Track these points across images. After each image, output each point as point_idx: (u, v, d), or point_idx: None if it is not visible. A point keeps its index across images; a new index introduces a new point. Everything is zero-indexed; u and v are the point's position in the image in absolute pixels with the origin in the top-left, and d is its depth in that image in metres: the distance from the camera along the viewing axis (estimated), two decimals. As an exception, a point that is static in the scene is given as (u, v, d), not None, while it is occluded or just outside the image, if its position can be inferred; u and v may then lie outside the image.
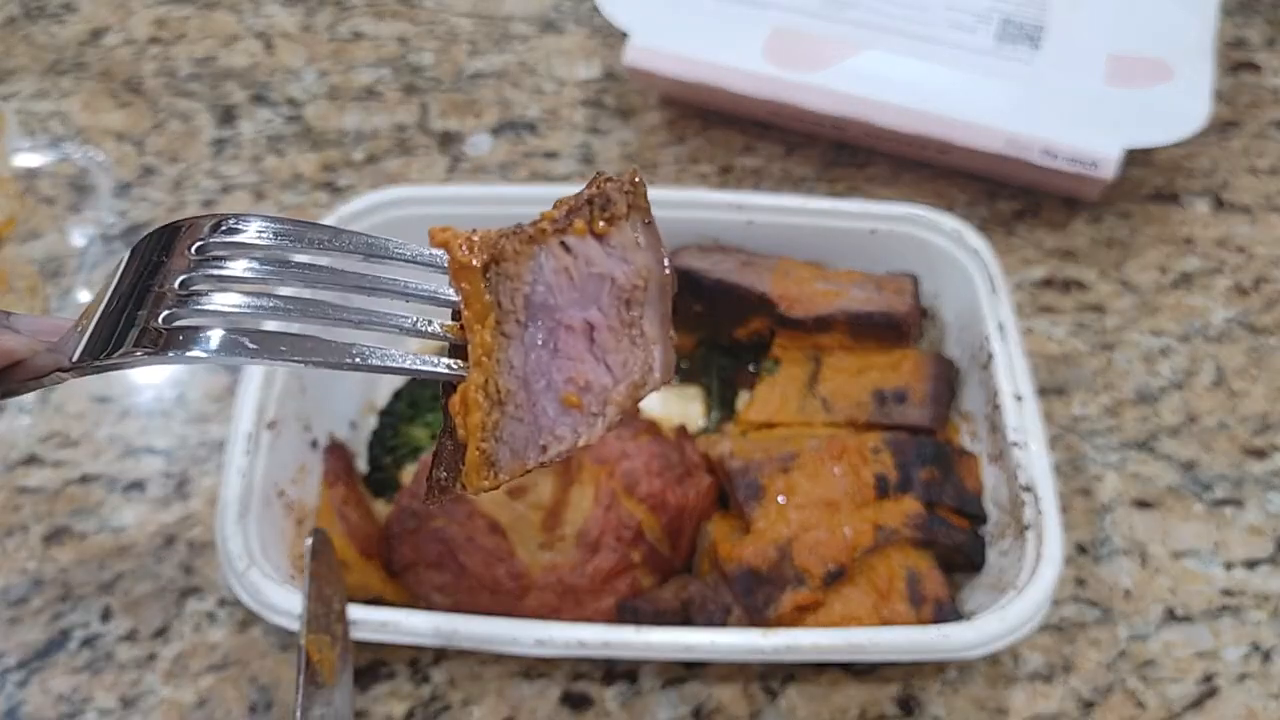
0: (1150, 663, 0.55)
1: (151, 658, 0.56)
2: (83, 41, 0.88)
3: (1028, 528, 0.51)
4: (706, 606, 0.51)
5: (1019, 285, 0.71)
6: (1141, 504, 0.61)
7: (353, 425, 0.62)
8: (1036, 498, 0.51)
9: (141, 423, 0.65)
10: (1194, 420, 0.64)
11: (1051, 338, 0.68)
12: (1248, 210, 0.75)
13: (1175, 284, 0.71)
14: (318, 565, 0.46)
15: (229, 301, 0.29)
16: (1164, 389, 0.66)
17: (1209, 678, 0.55)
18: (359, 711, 0.54)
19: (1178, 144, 0.70)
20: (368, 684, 0.55)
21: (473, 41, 0.87)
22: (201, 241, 0.30)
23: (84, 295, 0.71)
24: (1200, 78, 0.71)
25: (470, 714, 0.54)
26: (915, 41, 0.74)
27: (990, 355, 0.57)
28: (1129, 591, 0.57)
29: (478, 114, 0.82)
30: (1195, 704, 0.54)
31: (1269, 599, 0.57)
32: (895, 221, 0.62)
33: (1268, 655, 0.55)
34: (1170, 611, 0.57)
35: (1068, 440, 0.63)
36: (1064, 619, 0.56)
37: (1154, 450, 0.63)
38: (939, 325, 0.63)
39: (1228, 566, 0.58)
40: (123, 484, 0.62)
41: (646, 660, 0.55)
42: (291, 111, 0.82)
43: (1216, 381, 0.66)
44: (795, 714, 0.54)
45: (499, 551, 0.52)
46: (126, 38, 0.88)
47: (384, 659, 0.55)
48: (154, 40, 0.88)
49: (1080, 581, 0.58)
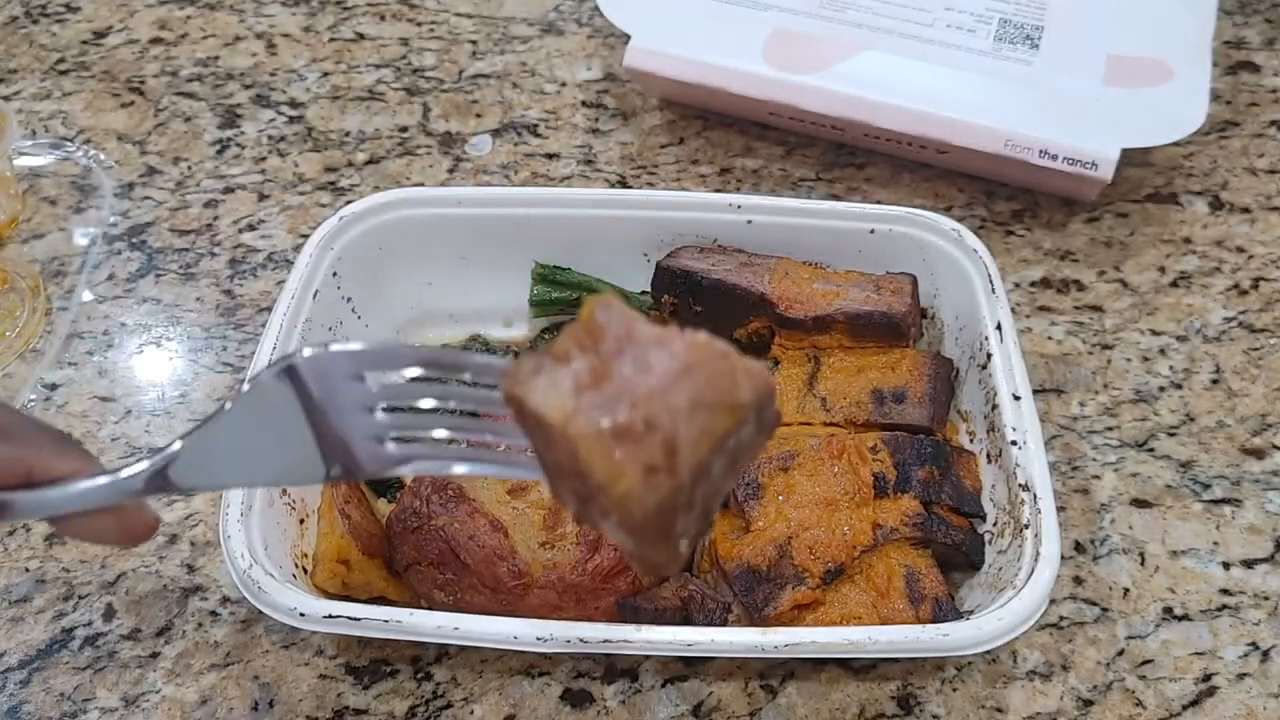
0: (1149, 662, 0.55)
1: (154, 656, 0.56)
2: (85, 41, 0.88)
3: (1026, 526, 0.51)
4: (706, 605, 0.51)
5: (1017, 285, 0.71)
6: (1140, 503, 0.61)
7: (354, 425, 0.62)
8: (1035, 497, 0.51)
9: (144, 422, 0.65)
10: (1192, 420, 0.64)
11: (1050, 337, 0.68)
12: (1247, 210, 0.75)
13: (1174, 284, 0.71)
14: None
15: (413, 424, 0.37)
16: (1162, 389, 0.66)
17: (1207, 677, 0.55)
18: (360, 709, 0.54)
19: (1176, 144, 0.70)
20: (369, 682, 0.55)
21: (474, 43, 0.88)
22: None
23: (86, 295, 0.71)
24: (1199, 78, 0.71)
25: (471, 711, 0.54)
26: (914, 42, 0.74)
27: (989, 355, 0.57)
28: (1127, 590, 0.58)
29: (479, 115, 0.82)
30: (1194, 703, 0.54)
31: (1268, 598, 0.57)
32: (894, 222, 0.62)
33: (1266, 655, 0.55)
34: (1169, 611, 0.57)
35: (1066, 440, 0.63)
36: (1062, 618, 0.57)
37: (1152, 450, 0.63)
38: (938, 325, 0.63)
39: (1226, 566, 0.58)
40: (125, 483, 0.62)
41: (647, 658, 0.55)
42: (293, 112, 0.83)
43: (1215, 381, 0.66)
44: (795, 711, 0.54)
45: (500, 550, 0.52)
46: (129, 38, 0.88)
47: (386, 657, 0.56)
48: (156, 41, 0.88)
49: (1079, 580, 0.58)
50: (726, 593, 0.52)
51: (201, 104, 0.83)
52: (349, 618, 0.48)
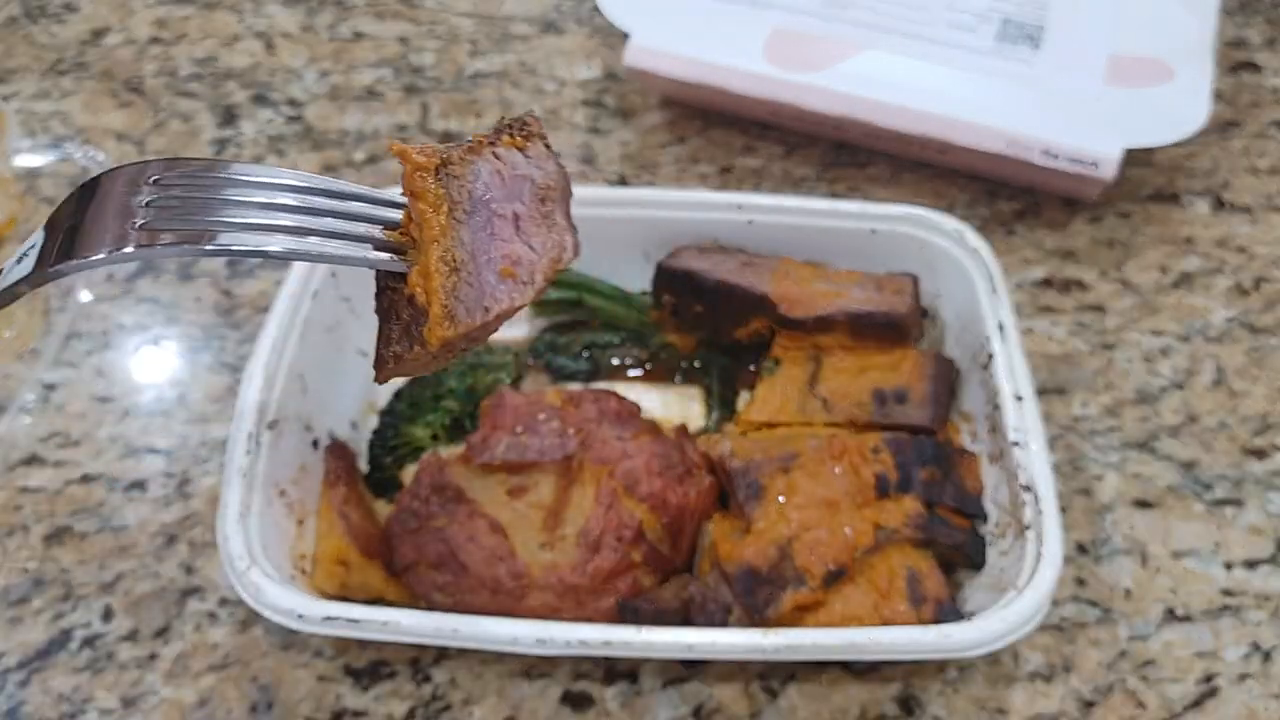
0: (1150, 662, 0.55)
1: (152, 657, 0.56)
2: (84, 41, 0.88)
3: (1028, 527, 0.51)
4: (707, 606, 0.51)
5: (1019, 285, 0.71)
6: (1142, 504, 0.61)
7: (353, 425, 0.62)
8: (1037, 497, 0.51)
9: (142, 423, 0.65)
10: (1194, 420, 0.64)
11: (1052, 338, 0.68)
12: (1248, 210, 0.75)
13: (1175, 284, 0.71)
14: None
15: (185, 206, 0.33)
16: (1164, 389, 0.66)
17: (1209, 678, 0.55)
18: (359, 711, 0.54)
19: (1178, 144, 0.70)
20: (369, 684, 0.55)
21: (473, 41, 0.87)
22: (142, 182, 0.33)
23: (84, 295, 0.71)
24: (1200, 78, 0.71)
25: (471, 713, 0.54)
26: (915, 42, 0.74)
27: (990, 355, 0.57)
28: (1129, 591, 0.57)
29: (478, 114, 0.82)
30: (1195, 704, 0.54)
31: (1269, 599, 0.57)
32: (895, 222, 0.62)
33: (1268, 655, 0.55)
34: (1170, 611, 0.57)
35: (1068, 440, 0.63)
36: (1064, 619, 0.56)
37: (1154, 450, 0.63)
38: (939, 325, 0.63)
39: (1228, 566, 0.58)
40: (124, 484, 0.62)
41: (647, 660, 0.55)
42: (292, 111, 0.83)
43: (1217, 381, 0.66)
44: (796, 713, 0.54)
45: (499, 551, 0.52)
46: (127, 37, 0.88)
47: (385, 659, 0.55)
48: (155, 40, 0.88)
49: (1080, 581, 0.58)
50: (727, 594, 0.52)
51: (200, 103, 0.83)
52: (348, 619, 0.48)
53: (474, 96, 0.83)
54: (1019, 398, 0.55)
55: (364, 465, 0.61)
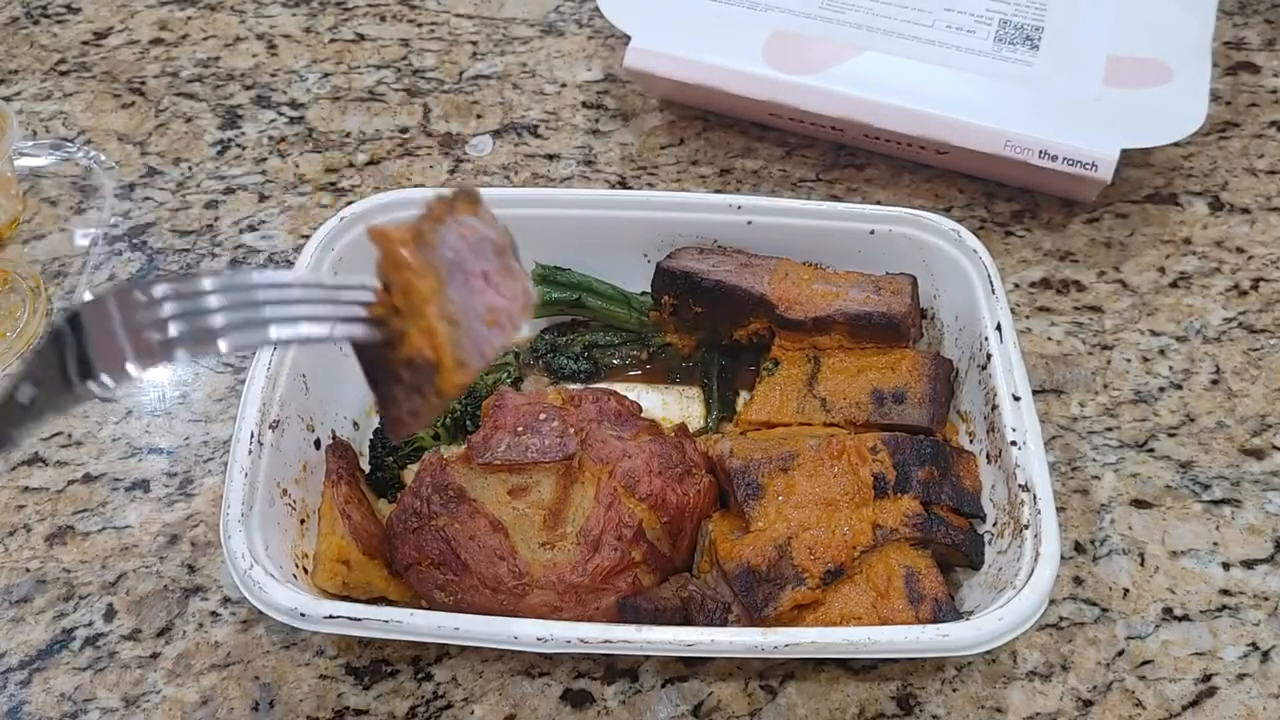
0: (1148, 662, 0.55)
1: (154, 657, 0.56)
2: (85, 42, 0.88)
3: (1026, 527, 0.51)
4: (706, 605, 0.52)
5: (1017, 286, 0.71)
6: (1140, 504, 0.61)
7: (355, 425, 0.63)
8: (1034, 497, 0.51)
9: (145, 422, 0.65)
10: (1192, 420, 0.64)
11: (1050, 338, 0.68)
12: (1246, 211, 0.75)
13: (1173, 284, 0.71)
14: None
15: (187, 317, 0.35)
16: (1162, 389, 0.66)
17: (1207, 677, 0.55)
18: (361, 710, 0.54)
19: (1176, 145, 0.70)
20: (370, 682, 0.55)
21: (474, 43, 0.88)
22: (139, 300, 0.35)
23: (87, 295, 0.71)
24: (1199, 78, 0.71)
25: (472, 712, 0.54)
26: (914, 43, 0.74)
27: (988, 355, 0.57)
28: (1127, 591, 0.58)
29: (479, 116, 0.82)
30: (1193, 703, 0.54)
31: (1267, 599, 0.57)
32: (894, 223, 0.62)
33: (1266, 655, 0.55)
34: (1169, 611, 0.57)
35: (1066, 440, 0.63)
36: (1062, 618, 0.57)
37: (1152, 450, 0.63)
38: (937, 326, 0.63)
39: (1226, 566, 0.58)
40: (126, 483, 0.62)
41: (647, 658, 0.55)
42: (294, 113, 0.83)
43: (1215, 382, 0.66)
44: (795, 711, 0.54)
45: (500, 550, 0.52)
46: (129, 39, 0.88)
47: (386, 657, 0.56)
48: (156, 41, 0.88)
49: (1078, 581, 0.58)
50: (726, 593, 0.52)
51: (202, 104, 0.83)
52: (349, 618, 0.49)
53: (475, 98, 0.84)
54: (1017, 398, 0.55)
55: (366, 465, 0.62)
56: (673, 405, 0.65)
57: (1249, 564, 0.59)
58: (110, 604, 0.58)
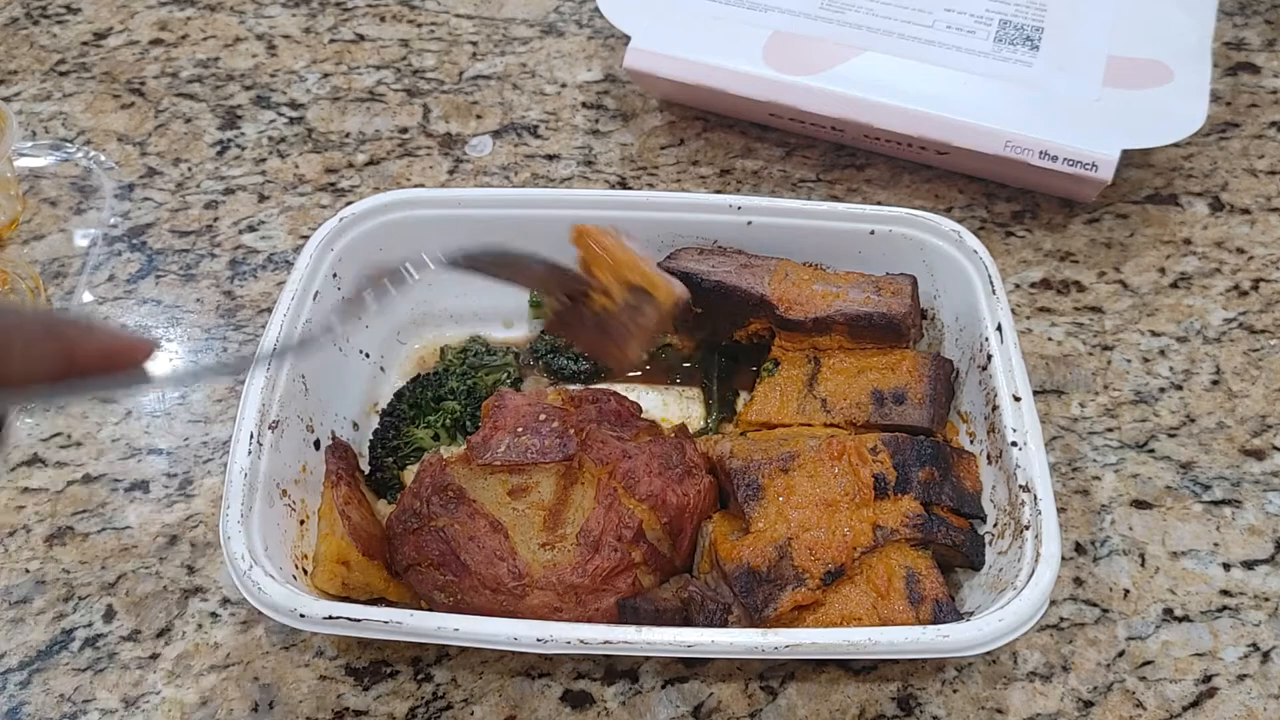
0: (1149, 663, 0.55)
1: (154, 657, 0.56)
2: (85, 43, 0.88)
3: (1026, 527, 0.51)
4: (706, 605, 0.51)
5: (1017, 286, 0.71)
6: (1140, 504, 0.61)
7: (355, 425, 0.63)
8: (1035, 498, 0.51)
9: (144, 423, 0.65)
10: (1192, 421, 0.64)
11: (1050, 338, 0.68)
12: (1246, 211, 0.75)
13: (1174, 285, 0.71)
14: None
15: None
16: (1163, 390, 0.66)
17: (1208, 678, 0.55)
18: (360, 711, 0.54)
19: (1176, 145, 0.70)
20: (370, 683, 0.55)
21: (474, 44, 0.88)
22: None
23: (86, 296, 0.71)
24: (1199, 79, 0.71)
25: (472, 713, 0.54)
26: (914, 44, 0.74)
27: (989, 356, 0.57)
28: (1128, 591, 0.58)
29: (479, 116, 0.82)
30: (1194, 704, 0.54)
31: (1268, 599, 0.57)
32: (894, 223, 0.62)
33: (1266, 655, 0.55)
34: (1169, 612, 0.57)
35: (1066, 440, 0.63)
36: (1063, 619, 0.57)
37: (1153, 451, 0.63)
38: (938, 326, 0.63)
39: (1226, 567, 0.58)
40: (126, 484, 0.62)
41: (647, 659, 0.55)
42: (294, 113, 0.83)
43: (1215, 382, 0.66)
44: (795, 712, 0.54)
45: (500, 551, 0.52)
46: (129, 39, 0.88)
47: (386, 658, 0.56)
48: (156, 42, 0.88)
49: (1079, 581, 0.58)
50: (726, 594, 0.52)
51: (202, 105, 0.83)
52: (349, 619, 0.49)
53: (475, 98, 0.84)
54: (1017, 398, 0.55)
55: (365, 465, 0.61)
56: (673, 405, 0.65)
57: (1249, 564, 0.59)
58: (110, 605, 0.58)
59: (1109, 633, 0.56)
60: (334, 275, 0.61)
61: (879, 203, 0.75)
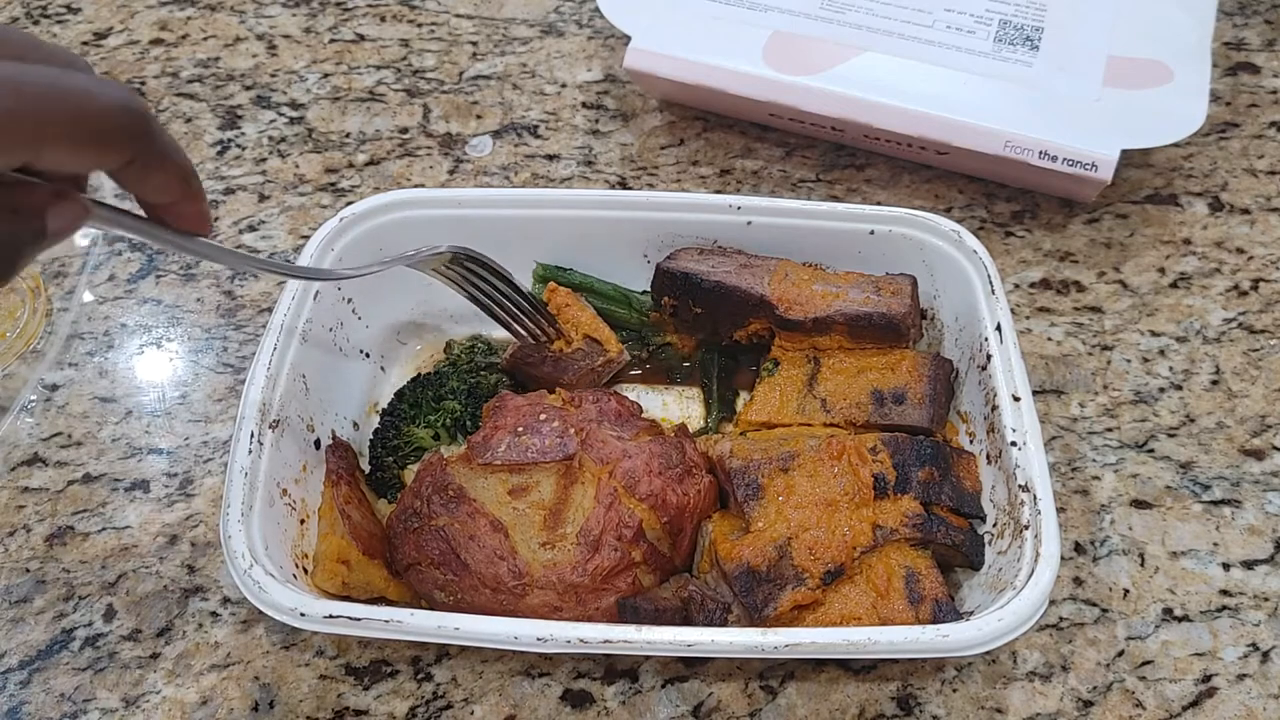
0: (1149, 663, 0.55)
1: (154, 657, 0.56)
2: (86, 42, 0.88)
3: (1026, 527, 0.51)
4: (706, 605, 0.52)
5: (1017, 286, 0.71)
6: (1140, 504, 0.61)
7: (355, 425, 0.63)
8: (1034, 497, 0.51)
9: (145, 423, 0.65)
10: (1192, 421, 0.64)
11: (1050, 338, 0.68)
12: (1246, 211, 0.75)
13: (1173, 285, 0.71)
14: None
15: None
16: (1162, 389, 0.66)
17: (1207, 678, 0.55)
18: (361, 710, 0.54)
19: (1176, 145, 0.70)
20: (370, 682, 0.55)
21: (474, 44, 0.88)
22: None
23: (86, 296, 0.71)
24: (1198, 79, 0.71)
25: (472, 712, 0.54)
26: (914, 44, 0.74)
27: (988, 356, 0.57)
28: (1127, 591, 0.58)
29: (479, 116, 0.83)
30: (1194, 704, 0.54)
31: (1267, 599, 0.57)
32: (894, 223, 0.62)
33: (1266, 655, 0.55)
34: (1169, 611, 0.57)
35: (1066, 440, 0.63)
36: (1062, 618, 0.57)
37: (1152, 451, 0.63)
38: (937, 326, 0.63)
39: (1226, 567, 0.58)
40: (126, 484, 0.62)
41: (647, 658, 0.55)
42: (294, 113, 0.83)
43: (1215, 382, 0.66)
44: (795, 712, 0.54)
45: (500, 550, 0.52)
46: (129, 39, 0.88)
47: (386, 658, 0.56)
48: (156, 42, 0.88)
49: (1079, 581, 0.58)
50: (726, 593, 0.52)
51: (202, 105, 0.83)
52: (349, 618, 0.49)
53: (475, 98, 0.84)
54: (1017, 398, 0.55)
55: (366, 465, 0.62)
56: (673, 405, 0.65)
57: (1249, 564, 0.59)
58: (110, 604, 0.58)
59: (1109, 632, 0.56)
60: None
61: (879, 203, 0.75)
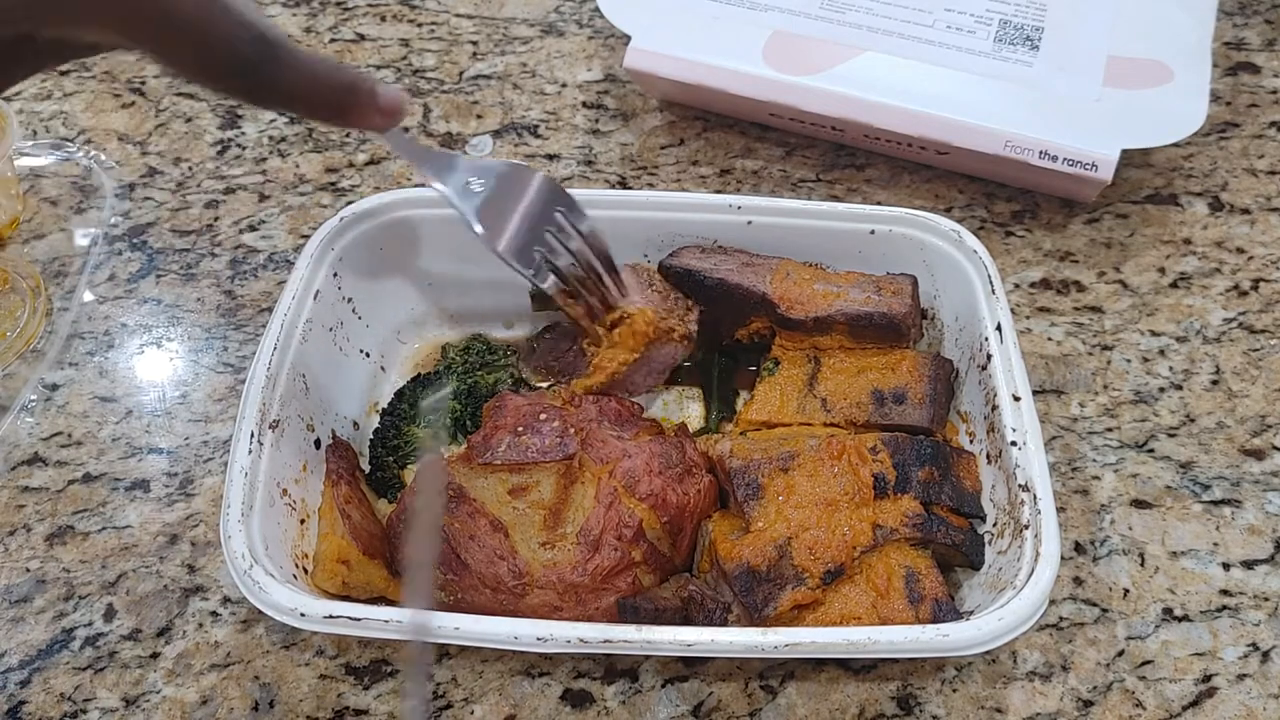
0: (1149, 662, 0.55)
1: (154, 656, 0.56)
2: (86, 43, 0.88)
3: (1026, 527, 0.51)
4: (706, 605, 0.52)
5: (1017, 286, 0.71)
6: (1140, 504, 0.61)
7: (355, 425, 0.63)
8: (1034, 497, 0.51)
9: (145, 422, 0.65)
10: (1192, 420, 0.64)
11: (1050, 338, 0.68)
12: (1246, 211, 0.75)
13: (1174, 285, 0.71)
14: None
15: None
16: (1162, 389, 0.66)
17: (1207, 678, 0.55)
18: (361, 710, 0.54)
19: (1176, 145, 0.70)
20: (370, 682, 0.55)
21: (474, 43, 0.88)
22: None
23: (86, 295, 0.71)
24: (1199, 79, 0.71)
25: (472, 712, 0.54)
26: (914, 44, 0.74)
27: (988, 356, 0.57)
28: (1127, 591, 0.58)
29: (480, 116, 0.83)
30: (1194, 704, 0.54)
31: (1267, 599, 0.57)
32: (894, 223, 0.63)
33: (1266, 655, 0.55)
34: (1169, 611, 0.57)
35: (1066, 440, 0.63)
36: (1062, 618, 0.57)
37: (1152, 450, 0.63)
38: (938, 326, 0.63)
39: (1226, 567, 0.59)
40: (126, 483, 0.62)
41: (647, 658, 0.55)
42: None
43: (1215, 382, 0.66)
44: (795, 711, 0.54)
45: (500, 550, 0.52)
46: (129, 39, 0.88)
47: (386, 658, 0.56)
48: (157, 42, 0.88)
49: (1079, 581, 0.58)
50: (726, 593, 0.52)
51: (202, 104, 0.83)
52: (349, 618, 0.49)
53: (475, 98, 0.84)
54: (1017, 398, 0.55)
55: (366, 465, 0.62)
56: (673, 405, 0.65)
57: (1249, 564, 0.59)
58: (110, 604, 0.58)
59: (1109, 632, 0.56)
60: (334, 275, 0.61)
61: (879, 203, 0.75)
